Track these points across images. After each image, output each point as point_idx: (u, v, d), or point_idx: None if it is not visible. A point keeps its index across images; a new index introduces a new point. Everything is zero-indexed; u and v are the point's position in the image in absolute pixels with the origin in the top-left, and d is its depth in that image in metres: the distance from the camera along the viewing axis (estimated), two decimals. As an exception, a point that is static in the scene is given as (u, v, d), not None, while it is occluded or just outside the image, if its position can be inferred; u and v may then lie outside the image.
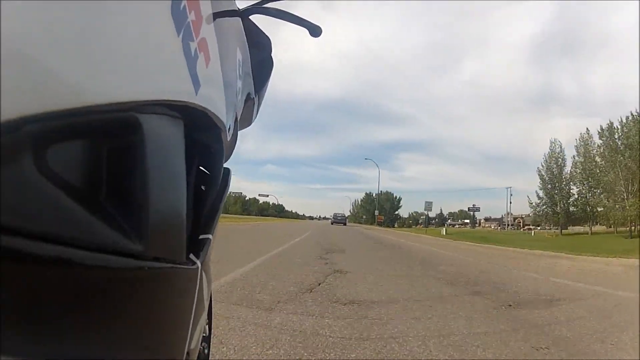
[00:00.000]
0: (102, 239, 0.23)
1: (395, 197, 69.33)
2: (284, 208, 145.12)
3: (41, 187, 0.20)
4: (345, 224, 33.18)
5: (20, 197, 0.18)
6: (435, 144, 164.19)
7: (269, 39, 0.92)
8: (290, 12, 0.65)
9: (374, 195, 72.06)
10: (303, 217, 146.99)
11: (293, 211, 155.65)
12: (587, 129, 25.36)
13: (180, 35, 0.33)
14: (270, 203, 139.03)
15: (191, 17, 0.36)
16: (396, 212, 66.93)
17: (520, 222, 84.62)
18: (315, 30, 0.67)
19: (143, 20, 0.28)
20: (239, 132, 0.83)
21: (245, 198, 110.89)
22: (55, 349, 0.21)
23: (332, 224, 32.43)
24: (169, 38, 0.31)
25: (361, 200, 76.51)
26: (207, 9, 0.44)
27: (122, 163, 0.26)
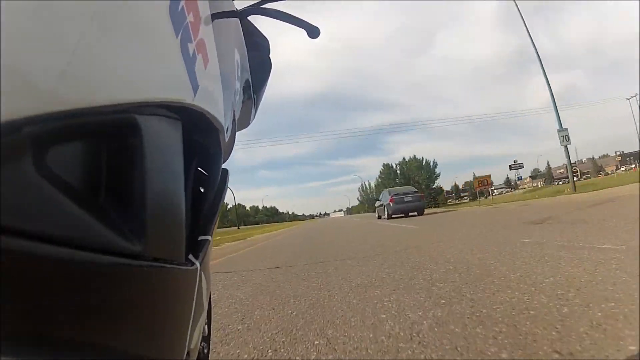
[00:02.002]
0: (101, 240, 0.23)
1: (430, 164, 49.24)
2: (277, 210, 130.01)
3: (41, 188, 0.20)
4: (422, 213, 13.89)
5: (19, 198, 0.18)
6: (423, 122, 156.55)
7: (267, 40, 0.91)
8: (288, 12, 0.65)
9: (394, 166, 52.09)
10: (302, 218, 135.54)
11: (290, 212, 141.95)
12: None
13: (179, 37, 0.33)
14: (260, 207, 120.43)
15: (189, 18, 0.36)
16: (434, 185, 47.17)
17: (577, 171, 68.81)
18: (313, 31, 0.65)
19: (141, 21, 0.27)
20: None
21: (226, 207, 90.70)
22: (54, 350, 0.20)
23: (388, 217, 13.65)
24: (168, 39, 0.31)
25: (379, 176, 56.30)
26: (205, 10, 0.44)
27: (120, 164, 0.26)
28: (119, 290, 0.25)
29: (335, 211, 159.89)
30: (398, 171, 49.34)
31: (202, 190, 0.51)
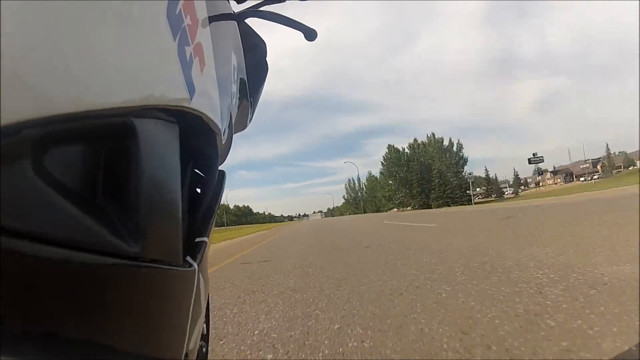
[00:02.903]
0: (100, 242, 0.23)
1: (455, 143, 36.40)
2: (251, 210, 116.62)
3: (40, 189, 0.20)
4: None
5: (19, 199, 0.19)
6: (404, 125, 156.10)
7: (264, 43, 0.91)
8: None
9: (403, 149, 38.36)
10: (280, 219, 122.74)
11: (266, 213, 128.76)
12: None
13: (176, 40, 0.33)
14: (231, 206, 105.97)
15: (187, 21, 0.36)
16: (464, 172, 34.22)
17: (603, 165, 59.64)
18: (310, 34, 0.65)
19: (139, 24, 0.28)
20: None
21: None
22: (54, 350, 0.21)
23: None
24: (165, 43, 0.31)
25: (383, 161, 39.85)
26: (202, 13, 0.44)
27: (118, 167, 0.27)
28: (118, 292, 0.25)
29: (314, 212, 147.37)
30: (407, 155, 36.40)
31: (199, 192, 0.51)
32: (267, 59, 0.94)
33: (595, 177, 60.28)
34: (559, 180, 69.04)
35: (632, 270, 1.94)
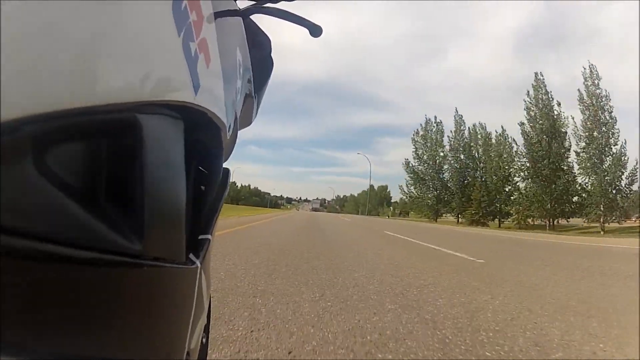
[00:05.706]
0: (102, 239, 0.23)
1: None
2: (237, 188, 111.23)
3: (41, 187, 0.19)
4: None
5: (20, 197, 0.18)
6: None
7: (269, 39, 0.92)
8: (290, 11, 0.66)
9: None
10: (278, 204, 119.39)
11: (252, 187, 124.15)
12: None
13: (181, 36, 0.33)
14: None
15: (192, 17, 0.36)
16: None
17: None
18: (315, 30, 0.68)
19: (144, 20, 0.27)
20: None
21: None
22: (54, 350, 0.20)
23: None
24: (170, 38, 0.31)
25: None
26: (208, 9, 0.44)
27: (121, 163, 0.26)
28: (119, 290, 0.25)
29: (317, 199, 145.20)
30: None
31: (203, 189, 0.51)
32: (272, 54, 0.94)
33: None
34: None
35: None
